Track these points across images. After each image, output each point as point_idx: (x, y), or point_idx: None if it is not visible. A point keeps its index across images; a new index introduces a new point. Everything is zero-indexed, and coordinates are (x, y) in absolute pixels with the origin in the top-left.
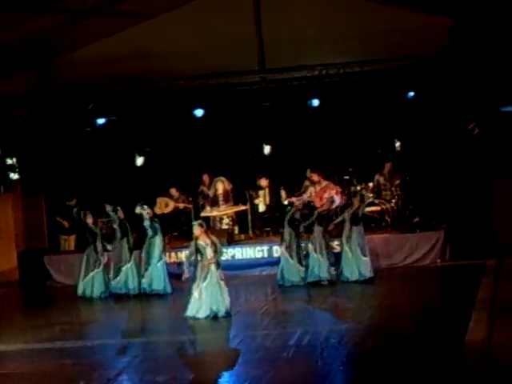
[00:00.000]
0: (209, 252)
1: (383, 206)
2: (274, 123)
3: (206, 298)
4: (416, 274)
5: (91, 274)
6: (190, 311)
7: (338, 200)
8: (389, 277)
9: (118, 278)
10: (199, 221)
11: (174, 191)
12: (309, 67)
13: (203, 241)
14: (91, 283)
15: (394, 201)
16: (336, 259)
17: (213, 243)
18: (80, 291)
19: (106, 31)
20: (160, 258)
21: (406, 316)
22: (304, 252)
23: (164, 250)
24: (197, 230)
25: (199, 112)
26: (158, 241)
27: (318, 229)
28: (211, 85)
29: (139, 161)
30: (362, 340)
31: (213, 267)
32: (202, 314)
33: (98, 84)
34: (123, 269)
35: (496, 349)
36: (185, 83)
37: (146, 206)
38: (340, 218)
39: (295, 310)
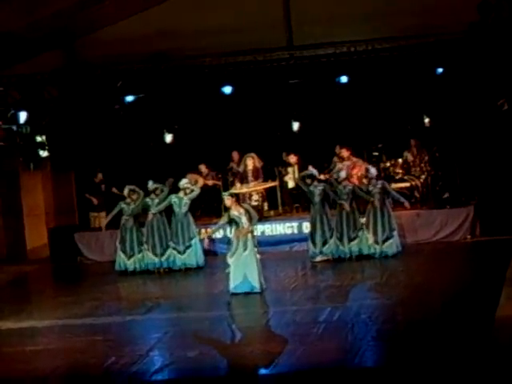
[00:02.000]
0: (244, 221)
1: (412, 182)
2: (302, 100)
3: (242, 268)
4: (446, 249)
5: (137, 248)
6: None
7: (373, 171)
8: (418, 253)
9: (166, 253)
10: (229, 191)
11: (203, 168)
12: (337, 44)
13: (236, 211)
14: (138, 259)
15: (423, 177)
16: None
17: (246, 211)
18: (123, 266)
19: (133, 9)
20: (195, 234)
21: (435, 292)
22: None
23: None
24: (228, 201)
25: (227, 89)
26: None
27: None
28: (239, 62)
29: (168, 138)
30: (393, 316)
31: (249, 236)
32: (236, 283)
33: (126, 62)
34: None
35: None
36: (213, 60)
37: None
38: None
39: (325, 285)
